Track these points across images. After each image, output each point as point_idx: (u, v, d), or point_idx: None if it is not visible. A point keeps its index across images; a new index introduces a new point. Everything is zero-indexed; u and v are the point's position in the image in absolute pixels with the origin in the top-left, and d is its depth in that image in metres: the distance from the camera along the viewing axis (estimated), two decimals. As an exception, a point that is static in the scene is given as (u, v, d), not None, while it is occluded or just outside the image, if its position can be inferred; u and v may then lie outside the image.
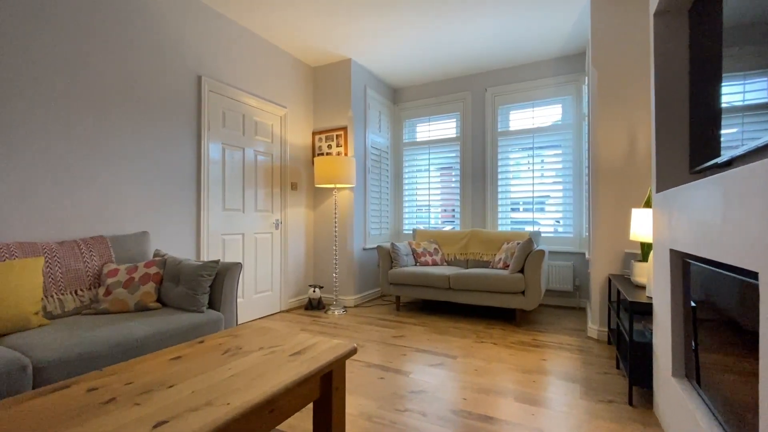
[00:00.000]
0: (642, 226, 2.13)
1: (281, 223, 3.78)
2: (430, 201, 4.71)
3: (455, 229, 4.48)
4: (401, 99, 4.87)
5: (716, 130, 1.32)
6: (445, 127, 4.63)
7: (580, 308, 3.84)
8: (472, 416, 1.72)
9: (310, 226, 4.17)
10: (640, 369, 1.90)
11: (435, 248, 4.02)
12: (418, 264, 3.88)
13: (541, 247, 3.26)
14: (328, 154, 4.07)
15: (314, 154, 4.17)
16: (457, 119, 4.54)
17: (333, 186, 3.74)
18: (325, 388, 1.31)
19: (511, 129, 4.25)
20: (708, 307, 1.26)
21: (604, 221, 2.79)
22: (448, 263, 4.08)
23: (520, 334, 2.97)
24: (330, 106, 4.12)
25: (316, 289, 3.79)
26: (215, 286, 2.19)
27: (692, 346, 1.43)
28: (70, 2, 2.18)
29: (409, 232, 4.82)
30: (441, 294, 3.48)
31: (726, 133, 1.25)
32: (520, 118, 4.23)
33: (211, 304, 2.18)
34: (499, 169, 4.29)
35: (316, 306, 3.83)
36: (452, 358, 2.45)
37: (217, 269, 2.16)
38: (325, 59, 4.03)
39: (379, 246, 3.83)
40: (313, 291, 3.78)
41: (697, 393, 1.35)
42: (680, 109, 1.72)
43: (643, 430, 1.61)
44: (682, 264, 1.49)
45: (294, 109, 3.94)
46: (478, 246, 3.95)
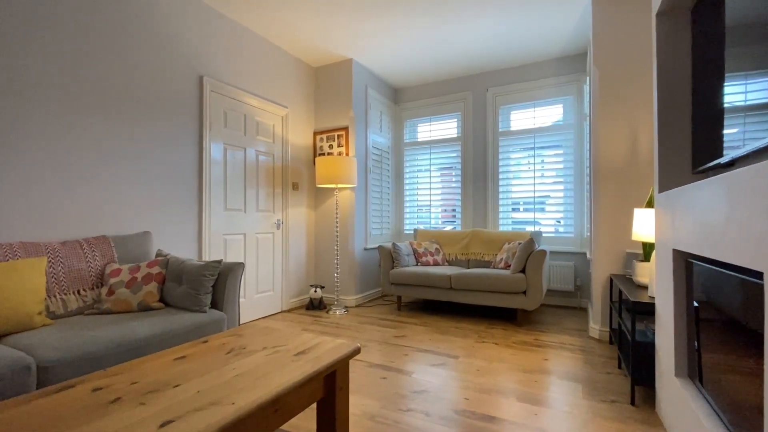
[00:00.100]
0: (644, 226, 2.13)
1: (282, 223, 3.78)
2: (431, 201, 4.71)
3: (456, 229, 4.48)
4: (402, 99, 4.87)
5: (719, 131, 1.32)
6: (446, 127, 4.63)
7: (581, 308, 3.84)
8: (475, 416, 1.72)
9: (311, 226, 4.17)
10: (642, 369, 1.91)
11: (436, 248, 4.02)
12: (419, 264, 3.88)
13: (542, 247, 3.26)
14: (329, 154, 4.07)
15: (315, 154, 4.18)
16: (458, 119, 4.54)
17: (334, 186, 3.74)
18: (329, 388, 1.31)
19: (512, 129, 4.25)
20: (711, 307, 1.26)
21: (605, 221, 2.79)
22: (450, 263, 4.08)
23: (521, 334, 2.97)
24: (331, 106, 4.12)
25: (318, 289, 3.79)
26: (218, 286, 2.19)
27: (695, 346, 1.43)
28: (70, 2, 2.18)
29: (410, 232, 4.82)
30: (442, 294, 3.49)
31: (728, 133, 1.25)
32: (521, 118, 4.23)
33: (214, 304, 2.19)
34: (500, 169, 4.30)
35: (317, 306, 3.83)
36: (454, 358, 2.45)
37: (219, 269, 2.16)
38: (327, 59, 4.03)
39: (380, 246, 3.83)
40: (315, 291, 3.78)
41: (701, 393, 1.35)
42: (682, 110, 1.72)
43: (646, 430, 1.61)
44: (685, 264, 1.50)
45: (295, 109, 3.95)
46: (480, 246, 3.95)
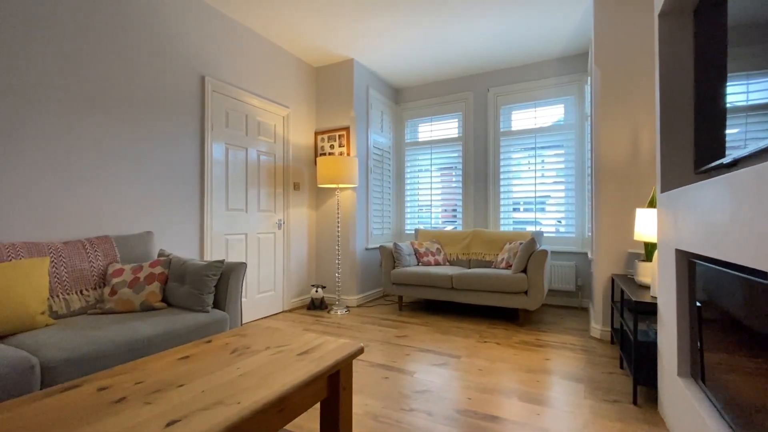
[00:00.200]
0: (646, 226, 2.14)
1: (284, 223, 3.78)
2: (431, 201, 4.71)
3: (457, 229, 4.49)
4: (403, 99, 4.87)
5: (721, 131, 1.32)
6: (447, 127, 4.63)
7: (583, 308, 3.84)
8: (477, 416, 1.72)
9: (312, 226, 4.17)
10: (644, 368, 1.91)
11: (437, 248, 4.03)
12: (420, 264, 3.88)
13: (543, 247, 3.26)
14: (330, 154, 4.08)
15: (317, 154, 4.18)
16: (459, 119, 4.54)
17: (335, 186, 3.74)
18: (332, 388, 1.31)
19: (513, 129, 4.25)
20: (713, 307, 1.26)
21: (606, 221, 2.80)
22: (451, 263, 4.08)
23: (523, 334, 2.97)
24: (332, 106, 4.12)
25: (319, 289, 3.79)
26: (220, 285, 2.19)
27: (698, 346, 1.43)
28: (70, 2, 2.18)
29: (411, 232, 4.82)
30: (444, 294, 3.49)
31: (730, 133, 1.26)
32: (523, 118, 4.23)
33: (216, 304, 2.19)
34: (501, 169, 4.30)
35: (318, 306, 3.83)
36: (456, 358, 2.45)
37: (222, 269, 2.16)
38: (328, 59, 4.04)
39: (381, 246, 3.83)
40: (316, 291, 3.79)
41: (704, 392, 1.35)
42: (684, 110, 1.72)
43: (649, 430, 1.61)
44: (688, 264, 1.50)
45: (296, 109, 3.95)
46: (481, 246, 3.95)
